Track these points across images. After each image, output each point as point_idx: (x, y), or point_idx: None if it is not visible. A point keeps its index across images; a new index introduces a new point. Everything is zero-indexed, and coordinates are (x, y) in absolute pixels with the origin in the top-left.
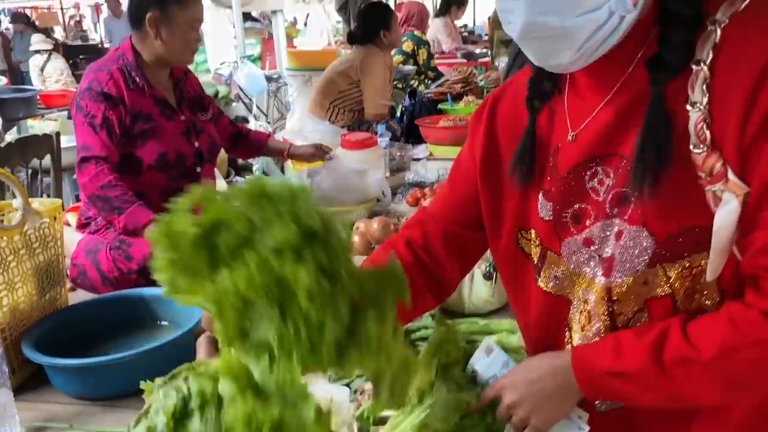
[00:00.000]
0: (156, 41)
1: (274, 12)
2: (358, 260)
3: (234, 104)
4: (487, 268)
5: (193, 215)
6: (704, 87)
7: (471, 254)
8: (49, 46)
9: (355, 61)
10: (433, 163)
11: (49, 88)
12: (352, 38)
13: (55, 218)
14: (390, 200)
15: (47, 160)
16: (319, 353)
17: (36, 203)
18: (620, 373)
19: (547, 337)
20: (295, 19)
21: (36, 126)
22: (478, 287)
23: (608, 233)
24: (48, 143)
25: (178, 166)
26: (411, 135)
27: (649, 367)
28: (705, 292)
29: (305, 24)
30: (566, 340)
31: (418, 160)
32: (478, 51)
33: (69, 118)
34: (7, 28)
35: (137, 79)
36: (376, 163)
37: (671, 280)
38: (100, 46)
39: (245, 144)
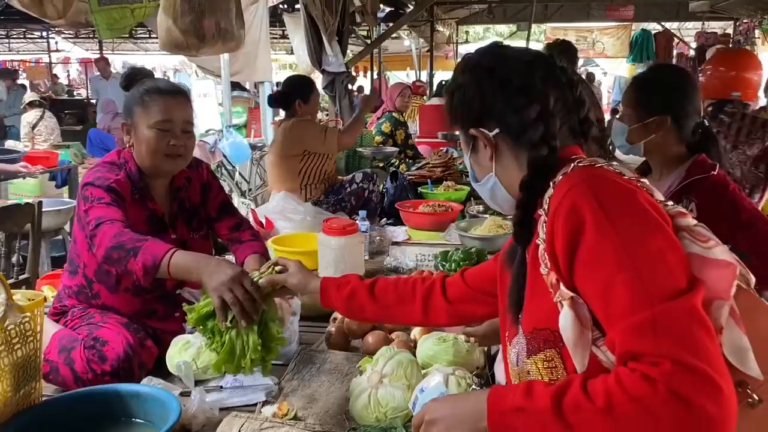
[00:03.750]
0: (133, 150)
1: (261, 82)
2: (336, 355)
3: None
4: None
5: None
6: (543, 225)
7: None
8: (44, 102)
9: (287, 140)
10: (412, 248)
11: (36, 146)
12: (271, 101)
13: (36, 312)
14: None
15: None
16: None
17: (18, 295)
18: (525, 410)
19: None
20: None
21: (16, 184)
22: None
23: (514, 334)
24: (30, 212)
25: (155, 290)
26: (391, 216)
27: (550, 408)
28: None
29: None
30: None
31: (397, 243)
32: (458, 132)
33: (50, 179)
34: None
35: (141, 190)
36: (356, 249)
37: (540, 371)
38: (86, 101)
39: (235, 252)
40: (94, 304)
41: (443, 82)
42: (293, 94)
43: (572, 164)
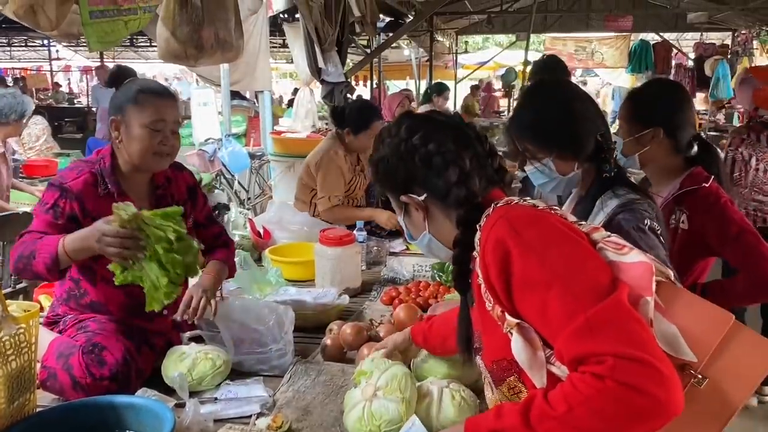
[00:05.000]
0: (120, 145)
1: (261, 91)
2: (331, 367)
3: (216, 191)
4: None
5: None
6: (480, 267)
7: None
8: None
9: (315, 155)
10: (409, 258)
11: (25, 153)
12: (332, 113)
13: (30, 323)
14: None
15: None
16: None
17: (13, 306)
18: (499, 430)
19: None
20: (281, 97)
21: (13, 192)
22: (446, 408)
23: (481, 369)
24: (27, 221)
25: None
26: None
27: (520, 423)
28: None
29: (288, 102)
30: None
31: (394, 254)
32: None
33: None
34: None
35: (109, 186)
36: (353, 260)
37: (509, 398)
38: (86, 109)
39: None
40: (83, 304)
41: (428, 90)
42: (347, 120)
43: (491, 206)
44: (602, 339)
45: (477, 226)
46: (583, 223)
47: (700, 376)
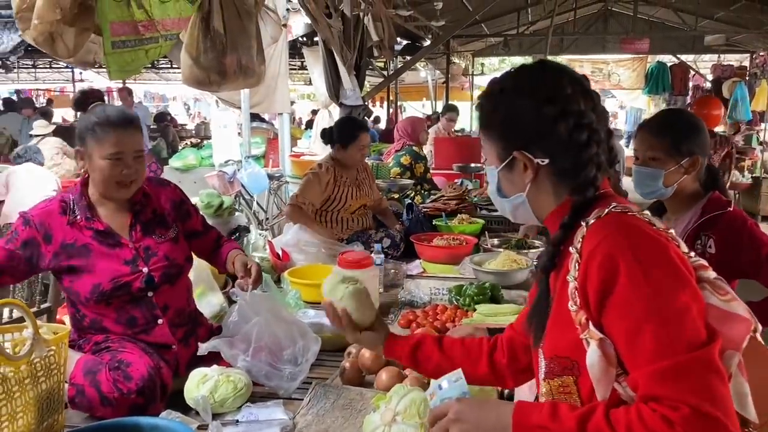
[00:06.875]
0: (86, 174)
1: (280, 113)
2: (350, 391)
3: (237, 214)
4: None
5: None
6: (576, 265)
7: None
8: (48, 131)
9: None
10: (426, 281)
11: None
12: (322, 134)
13: (60, 345)
14: None
15: None
16: None
17: (44, 329)
18: (550, 430)
19: None
20: (300, 119)
21: None
22: None
23: (537, 355)
24: None
25: (121, 295)
26: (406, 248)
27: (575, 431)
28: None
29: (306, 123)
30: None
31: (411, 276)
32: (473, 164)
33: None
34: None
35: (77, 212)
36: (371, 282)
37: (553, 394)
38: None
39: (216, 259)
40: (85, 326)
41: (436, 111)
42: (336, 138)
43: (606, 208)
44: (684, 387)
45: (582, 222)
46: (692, 255)
47: None
